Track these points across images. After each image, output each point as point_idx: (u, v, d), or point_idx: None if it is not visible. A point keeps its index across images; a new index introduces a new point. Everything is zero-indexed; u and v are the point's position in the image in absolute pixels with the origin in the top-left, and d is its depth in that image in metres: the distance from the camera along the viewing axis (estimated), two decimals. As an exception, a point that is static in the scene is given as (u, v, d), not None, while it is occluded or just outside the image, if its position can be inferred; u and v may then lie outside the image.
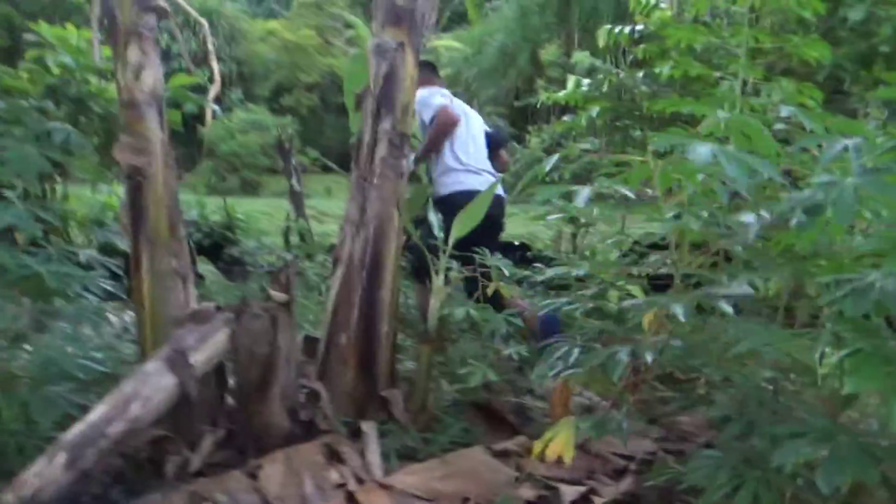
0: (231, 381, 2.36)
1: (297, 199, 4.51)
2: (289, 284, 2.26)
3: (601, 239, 5.04)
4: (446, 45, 20.00)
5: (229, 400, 2.38)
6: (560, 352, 1.72)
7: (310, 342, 2.55)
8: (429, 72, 3.46)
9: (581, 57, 5.40)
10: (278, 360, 2.21)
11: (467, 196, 2.83)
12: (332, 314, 2.39)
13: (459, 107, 3.63)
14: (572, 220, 4.36)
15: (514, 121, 16.41)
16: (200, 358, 2.09)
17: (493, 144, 3.69)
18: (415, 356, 2.66)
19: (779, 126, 2.65)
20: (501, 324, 2.35)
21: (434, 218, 2.57)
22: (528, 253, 4.38)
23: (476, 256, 2.54)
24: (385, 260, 2.37)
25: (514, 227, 6.74)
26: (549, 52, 14.71)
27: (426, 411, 2.35)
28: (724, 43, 3.57)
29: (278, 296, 2.23)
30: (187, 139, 16.43)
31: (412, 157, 2.87)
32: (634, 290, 3.63)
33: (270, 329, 2.19)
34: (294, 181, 4.36)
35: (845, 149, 1.63)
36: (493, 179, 3.50)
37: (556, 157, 2.12)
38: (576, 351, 1.69)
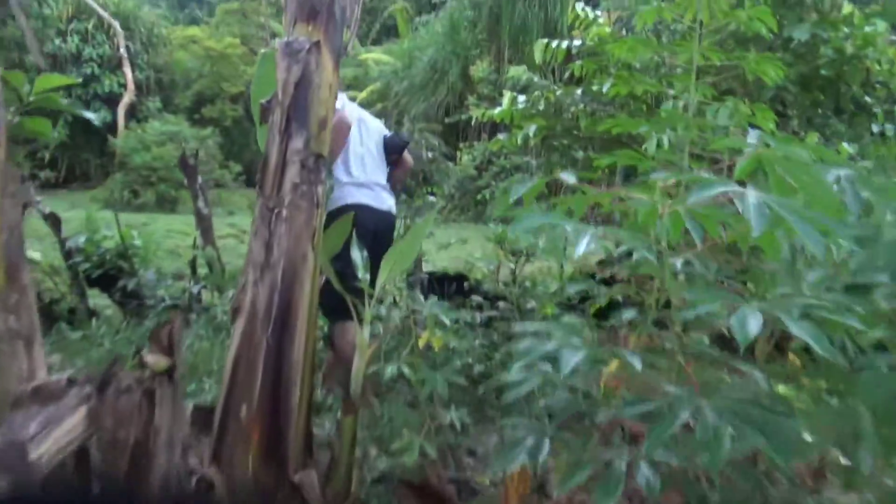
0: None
1: (204, 223, 3.94)
2: (172, 345, 1.75)
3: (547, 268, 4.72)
4: (375, 58, 19.64)
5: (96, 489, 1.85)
6: (525, 442, 1.30)
7: (202, 414, 2.05)
8: None
9: (516, 72, 5.08)
10: (156, 444, 1.70)
11: (354, 212, 2.50)
12: (230, 379, 1.89)
13: (354, 112, 3.23)
14: (513, 250, 4.01)
15: (446, 137, 16.08)
16: (45, 451, 1.56)
17: (392, 150, 3.34)
18: (334, 419, 2.19)
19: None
20: (442, 384, 1.92)
21: (358, 254, 2.11)
22: (465, 283, 3.99)
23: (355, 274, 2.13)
24: (297, 310, 1.90)
25: (452, 252, 6.35)
26: (479, 69, 14.51)
27: (349, 496, 1.88)
28: (669, 59, 3.30)
29: (157, 360, 1.72)
30: (100, 150, 15.27)
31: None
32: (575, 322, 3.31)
33: (145, 407, 1.67)
34: (201, 203, 3.79)
35: (838, 180, 1.38)
36: (385, 194, 3.22)
37: (528, 183, 1.71)
38: (545, 444, 1.28)
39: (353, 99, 4.44)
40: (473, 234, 11.81)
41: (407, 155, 3.50)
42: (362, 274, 2.05)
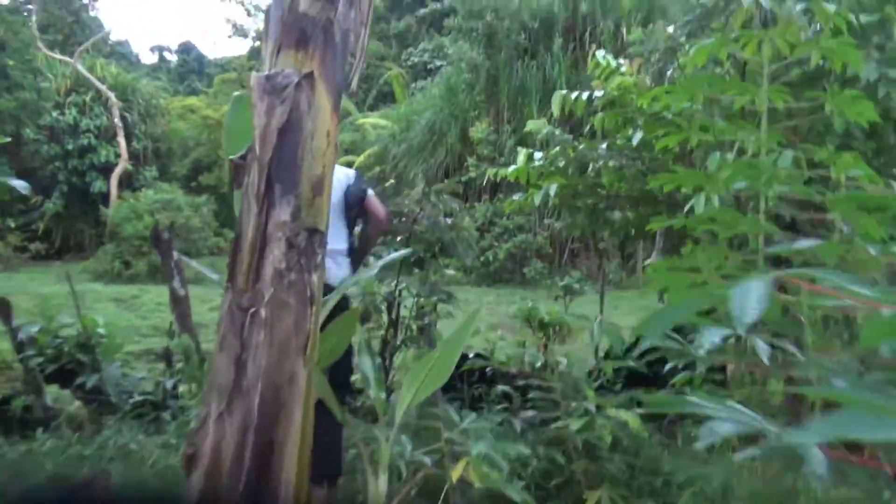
0: None
1: (180, 306, 3.33)
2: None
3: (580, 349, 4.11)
4: (373, 122, 19.48)
5: None
6: None
7: None
8: None
9: (536, 125, 4.60)
10: None
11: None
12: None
13: None
14: (542, 326, 3.41)
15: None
16: None
17: (354, 202, 2.62)
18: None
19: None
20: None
21: (368, 364, 1.50)
22: (487, 369, 3.36)
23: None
24: (281, 458, 1.27)
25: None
26: (478, 130, 14.25)
27: None
28: (731, 102, 2.79)
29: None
30: (95, 221, 14.78)
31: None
32: (629, 418, 2.66)
33: None
34: (176, 283, 3.20)
35: None
36: (342, 265, 2.50)
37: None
38: None
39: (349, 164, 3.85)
40: (478, 300, 11.19)
41: (377, 206, 2.73)
42: (375, 392, 1.43)
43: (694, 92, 2.71)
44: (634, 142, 3.96)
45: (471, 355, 3.45)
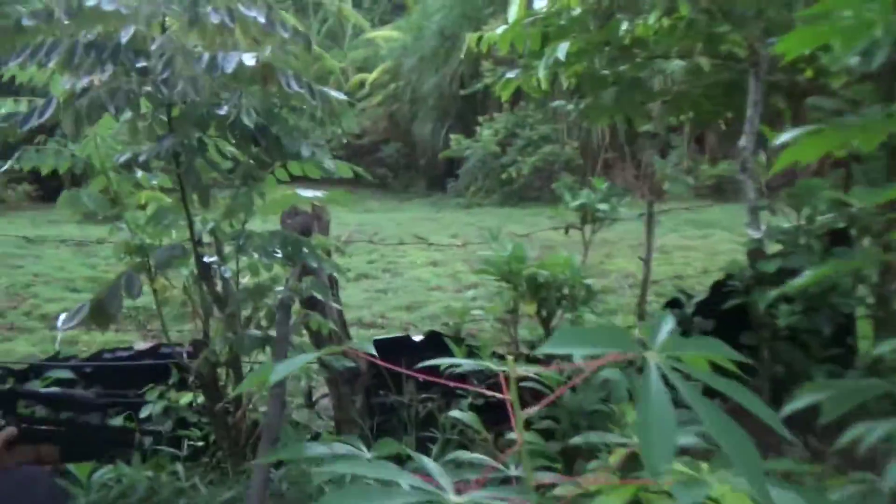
0: None
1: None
2: None
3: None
4: (385, 35, 17.37)
5: None
6: None
7: None
8: None
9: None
10: None
11: None
12: None
13: None
14: (535, 290, 1.82)
15: (463, 113, 13.85)
16: None
17: None
18: None
19: None
20: None
21: None
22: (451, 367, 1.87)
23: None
24: None
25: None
26: (492, 29, 12.13)
27: None
28: None
29: None
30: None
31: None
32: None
33: None
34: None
35: None
36: None
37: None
38: None
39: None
40: (495, 222, 9.57)
41: None
42: None
43: None
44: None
45: (416, 336, 1.93)
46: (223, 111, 1.37)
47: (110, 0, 1.34)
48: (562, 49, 2.84)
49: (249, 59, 1.33)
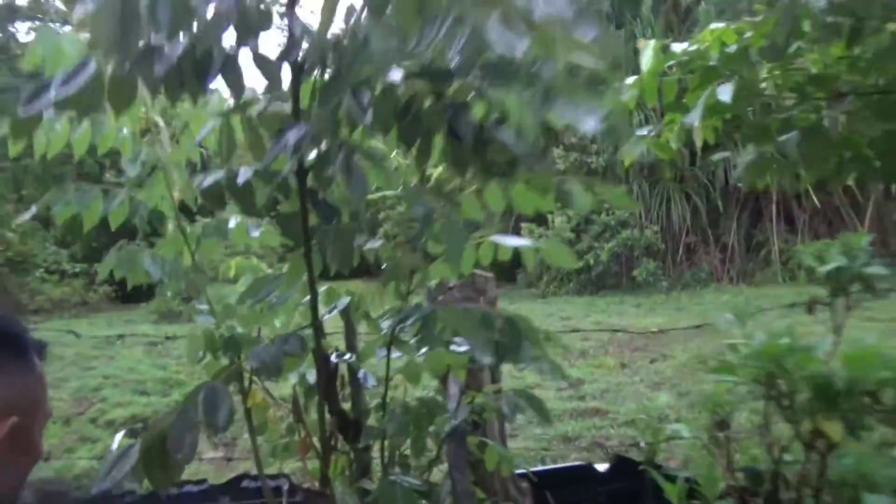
0: None
1: None
2: None
3: None
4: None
5: None
6: None
7: None
8: None
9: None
10: None
11: None
12: None
13: None
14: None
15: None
16: None
17: None
18: None
19: None
20: None
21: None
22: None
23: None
24: None
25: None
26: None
27: None
28: None
29: None
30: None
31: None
32: None
33: None
34: None
35: None
36: None
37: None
38: None
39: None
40: (578, 311, 8.77)
41: None
42: None
43: None
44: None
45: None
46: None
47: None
48: (724, 91, 2.26)
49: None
